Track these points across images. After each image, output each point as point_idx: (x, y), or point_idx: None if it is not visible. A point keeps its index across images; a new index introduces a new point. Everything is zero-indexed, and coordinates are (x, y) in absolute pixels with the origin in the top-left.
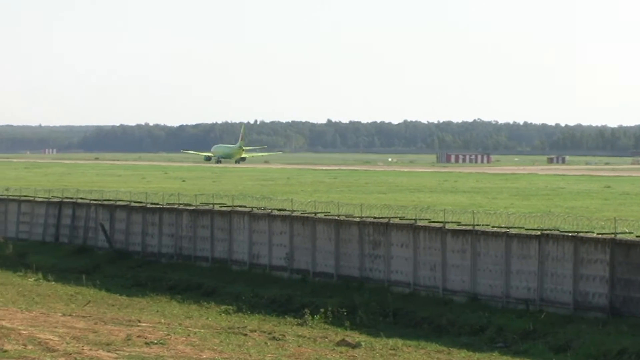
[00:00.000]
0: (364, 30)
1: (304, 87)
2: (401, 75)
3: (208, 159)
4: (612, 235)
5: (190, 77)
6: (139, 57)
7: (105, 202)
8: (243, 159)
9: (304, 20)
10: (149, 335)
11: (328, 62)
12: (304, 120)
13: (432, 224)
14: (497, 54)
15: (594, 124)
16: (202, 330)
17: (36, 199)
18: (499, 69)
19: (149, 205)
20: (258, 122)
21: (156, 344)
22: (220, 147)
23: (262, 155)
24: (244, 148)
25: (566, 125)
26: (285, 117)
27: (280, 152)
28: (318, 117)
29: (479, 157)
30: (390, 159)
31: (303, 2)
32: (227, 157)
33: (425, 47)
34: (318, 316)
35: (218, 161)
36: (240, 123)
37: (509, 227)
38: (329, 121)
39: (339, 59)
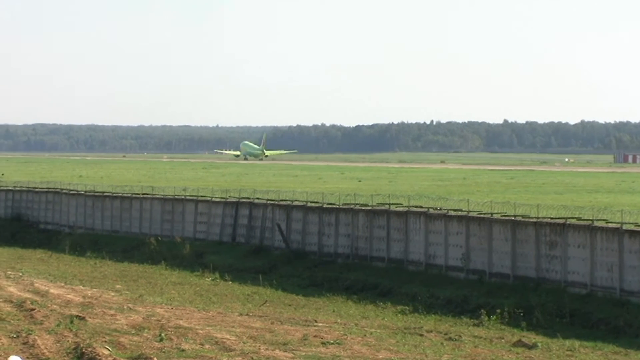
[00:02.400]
0: (540, 30)
1: (480, 87)
2: (578, 75)
3: (237, 156)
4: None
5: (366, 78)
6: (316, 59)
7: (281, 203)
8: (266, 157)
9: (478, 20)
10: (326, 335)
11: (504, 61)
12: (480, 121)
13: (610, 225)
14: None
15: None
16: (379, 331)
17: (213, 199)
18: None
19: (325, 206)
20: (434, 123)
21: (332, 344)
22: (247, 146)
23: (281, 154)
24: (264, 151)
25: None
26: (461, 118)
27: (296, 151)
28: (494, 117)
29: None
30: (567, 160)
31: (476, 3)
32: (252, 155)
33: (602, 47)
34: (494, 317)
35: (245, 158)
36: (271, 127)
37: None
38: (506, 121)
39: (515, 58)
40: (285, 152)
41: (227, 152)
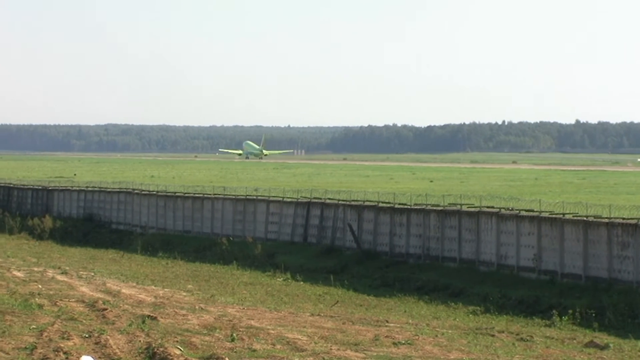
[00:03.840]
0: (609, 30)
1: (552, 88)
2: None
3: (240, 155)
4: None
5: (437, 78)
6: (387, 59)
7: (353, 203)
8: (265, 156)
9: (549, 21)
10: (397, 336)
11: (575, 61)
12: (552, 121)
13: None
14: None
15: None
16: (450, 331)
17: (285, 200)
18: None
19: (396, 206)
20: (506, 123)
21: (404, 344)
22: (249, 145)
23: (278, 153)
24: (263, 151)
25: None
26: (533, 118)
27: (292, 151)
28: (566, 118)
29: None
30: (639, 160)
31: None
32: (253, 154)
33: None
34: (566, 317)
35: (246, 157)
36: (268, 131)
37: None
38: (577, 122)
39: (585, 58)
40: (281, 152)
41: (231, 151)
